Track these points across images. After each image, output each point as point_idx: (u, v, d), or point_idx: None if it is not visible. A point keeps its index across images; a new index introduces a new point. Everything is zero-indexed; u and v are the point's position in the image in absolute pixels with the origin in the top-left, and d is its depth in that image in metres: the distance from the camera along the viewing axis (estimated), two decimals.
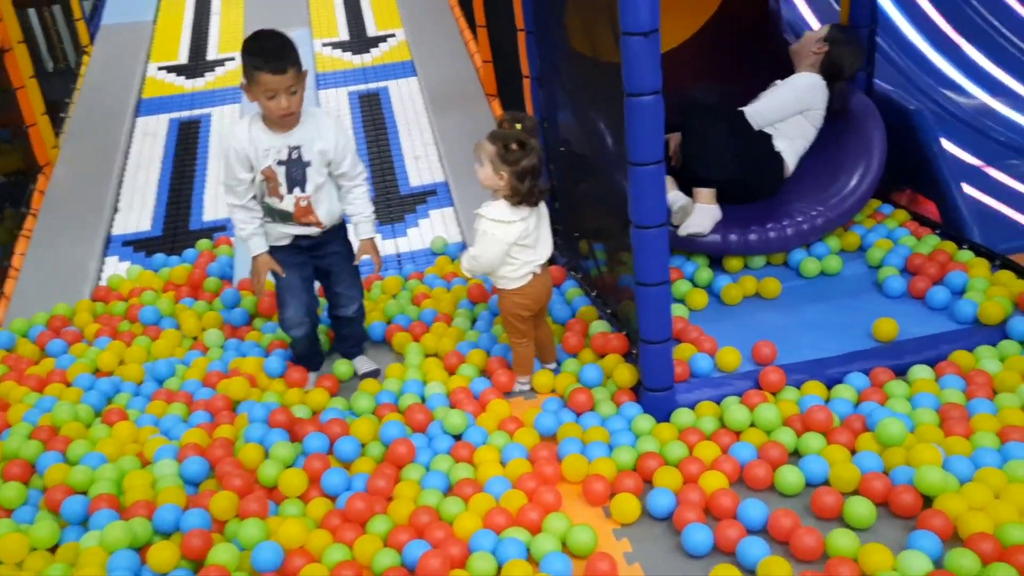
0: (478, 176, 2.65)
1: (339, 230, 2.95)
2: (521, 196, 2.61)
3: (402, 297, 3.47)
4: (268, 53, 2.59)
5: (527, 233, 2.66)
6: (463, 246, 3.84)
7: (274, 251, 2.86)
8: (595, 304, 3.17)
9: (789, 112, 3.50)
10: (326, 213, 2.84)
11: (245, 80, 2.64)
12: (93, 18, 5.84)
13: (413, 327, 3.22)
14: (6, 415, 2.81)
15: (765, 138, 3.44)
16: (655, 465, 2.37)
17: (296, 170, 2.73)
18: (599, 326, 2.99)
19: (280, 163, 2.71)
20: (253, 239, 2.81)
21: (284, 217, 2.80)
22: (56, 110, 4.72)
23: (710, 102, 3.42)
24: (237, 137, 2.71)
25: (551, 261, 3.60)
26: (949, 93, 4.78)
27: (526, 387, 2.88)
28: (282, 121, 2.68)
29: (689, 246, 3.33)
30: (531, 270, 2.72)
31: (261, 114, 2.71)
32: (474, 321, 3.25)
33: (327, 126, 2.77)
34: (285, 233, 2.85)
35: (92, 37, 5.56)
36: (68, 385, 3.00)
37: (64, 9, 5.50)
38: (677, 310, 3.07)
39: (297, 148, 2.71)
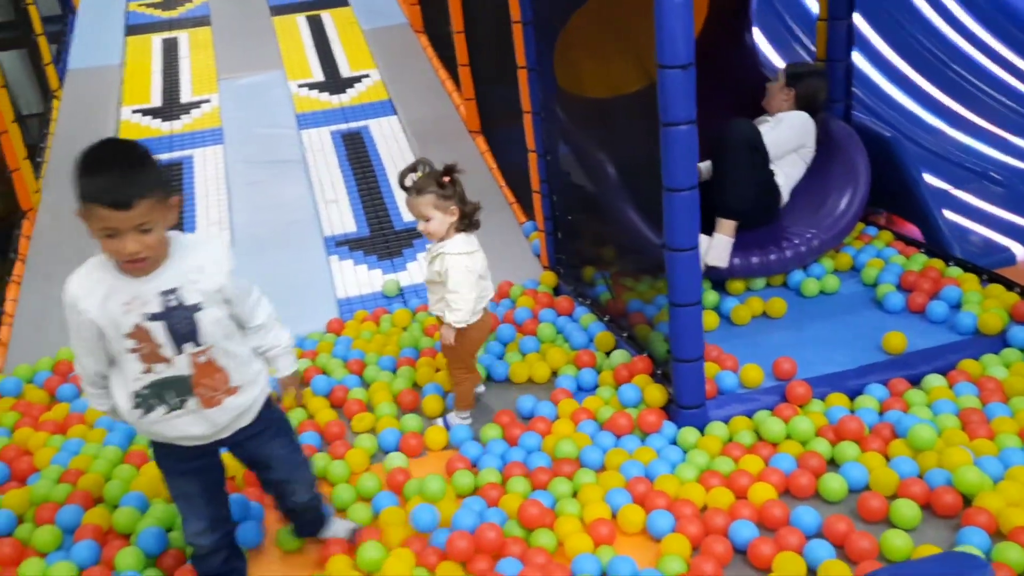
0: (429, 231, 2.67)
1: (265, 411, 2.07)
2: (469, 218, 2.69)
3: (413, 329, 3.50)
4: (104, 179, 1.73)
5: (483, 261, 2.75)
6: None
7: (160, 452, 2.02)
8: (610, 329, 3.25)
9: (788, 149, 3.67)
10: (240, 372, 1.97)
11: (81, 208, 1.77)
12: (59, 62, 5.77)
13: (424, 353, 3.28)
14: (32, 460, 2.75)
15: (771, 172, 3.60)
16: (716, 483, 2.44)
17: (181, 320, 1.86)
18: (620, 356, 3.06)
19: (154, 317, 1.85)
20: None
21: (180, 390, 1.90)
22: (34, 154, 4.64)
23: (751, 135, 3.47)
24: (73, 296, 1.84)
25: (556, 291, 3.72)
26: (908, 124, 5.05)
27: (467, 421, 2.90)
28: (132, 268, 1.82)
29: None
30: (484, 305, 2.78)
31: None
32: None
33: (214, 255, 1.92)
34: (181, 434, 1.95)
35: (60, 81, 5.49)
36: (91, 428, 2.94)
37: (32, 53, 5.43)
38: None
39: (173, 291, 1.85)
